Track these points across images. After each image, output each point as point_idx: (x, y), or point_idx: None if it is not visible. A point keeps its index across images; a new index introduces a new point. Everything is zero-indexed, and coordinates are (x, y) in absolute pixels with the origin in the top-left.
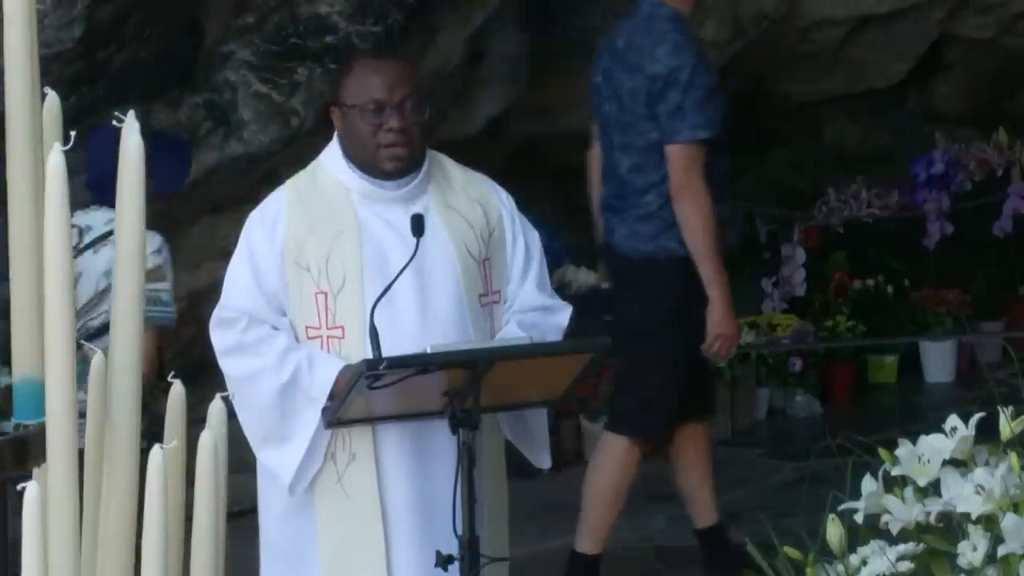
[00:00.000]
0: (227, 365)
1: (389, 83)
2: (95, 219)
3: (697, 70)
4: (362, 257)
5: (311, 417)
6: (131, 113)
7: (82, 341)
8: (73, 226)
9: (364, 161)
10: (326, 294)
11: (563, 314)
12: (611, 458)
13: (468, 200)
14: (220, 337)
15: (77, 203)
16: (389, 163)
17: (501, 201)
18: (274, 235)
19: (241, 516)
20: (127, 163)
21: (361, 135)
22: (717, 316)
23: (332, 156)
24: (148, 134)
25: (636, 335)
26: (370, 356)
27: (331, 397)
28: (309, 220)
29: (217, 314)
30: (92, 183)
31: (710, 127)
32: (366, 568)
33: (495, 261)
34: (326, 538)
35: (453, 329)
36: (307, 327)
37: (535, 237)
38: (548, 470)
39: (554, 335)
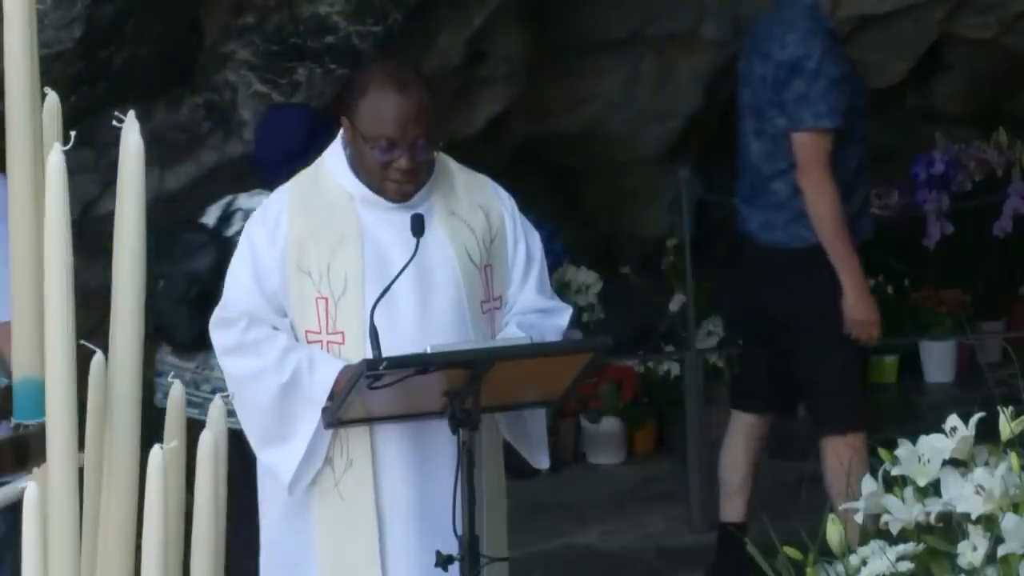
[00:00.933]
0: (227, 365)
1: (403, 122)
2: (258, 203)
3: (826, 59)
4: (364, 263)
5: (311, 417)
6: (131, 113)
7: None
8: (236, 210)
9: (369, 184)
10: (327, 299)
11: (563, 316)
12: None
13: (471, 205)
14: (220, 337)
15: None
16: (394, 195)
17: (503, 204)
18: (276, 236)
19: None
20: (127, 163)
21: (368, 164)
22: (851, 302)
23: (335, 159)
24: (306, 120)
25: (788, 326)
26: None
27: (331, 397)
28: (311, 223)
29: (217, 314)
30: (260, 163)
31: (835, 117)
32: (361, 572)
33: (496, 267)
34: (322, 542)
35: (454, 336)
36: (307, 331)
37: (536, 239)
38: (547, 470)
39: (553, 336)
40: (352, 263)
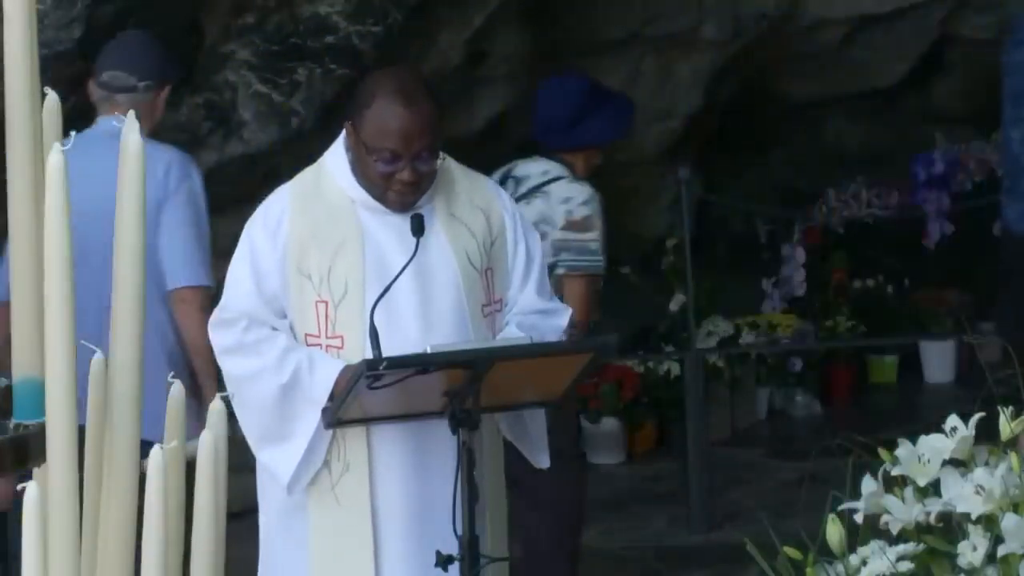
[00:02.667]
0: (226, 364)
1: (408, 135)
2: (532, 170)
3: None
4: (364, 268)
5: (311, 417)
6: (131, 113)
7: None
8: (510, 177)
9: (370, 192)
10: (327, 303)
11: (563, 316)
12: None
13: (471, 207)
14: (219, 337)
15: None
16: (396, 205)
17: (504, 206)
18: (276, 238)
19: (241, 516)
20: (127, 163)
21: (371, 174)
22: None
23: (337, 161)
24: (585, 91)
25: None
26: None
27: (331, 397)
28: (312, 226)
29: (217, 314)
30: (537, 130)
31: None
32: (355, 573)
33: (497, 270)
34: (317, 546)
35: (454, 337)
36: (307, 335)
37: (536, 240)
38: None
39: (553, 337)
40: (353, 267)
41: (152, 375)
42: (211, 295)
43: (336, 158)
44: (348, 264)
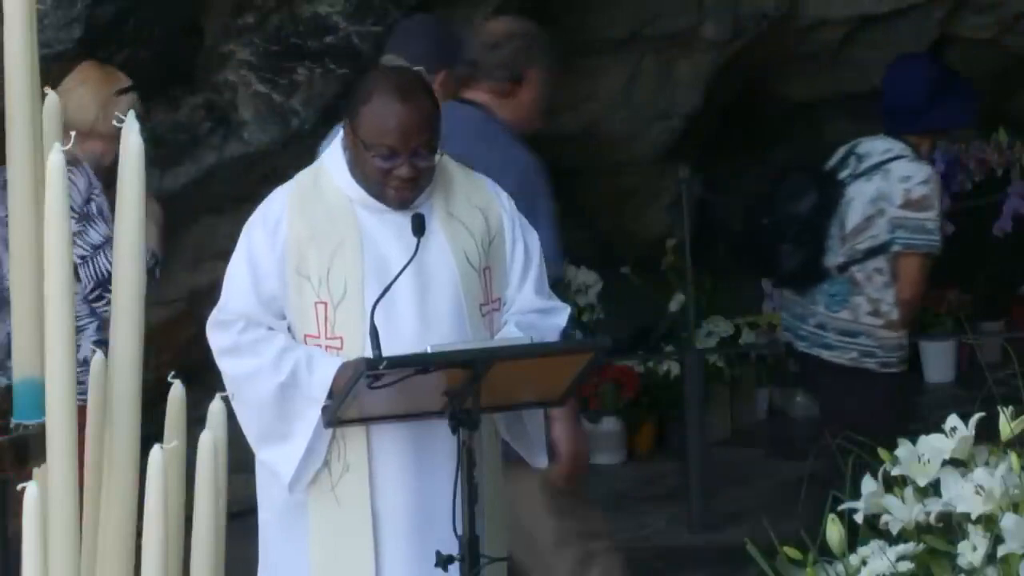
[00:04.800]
0: (225, 365)
1: (405, 131)
2: (874, 147)
3: None
4: (363, 268)
5: (311, 416)
6: (131, 113)
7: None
8: (852, 153)
9: (369, 190)
10: (326, 304)
11: (562, 315)
12: None
13: (470, 207)
14: (217, 338)
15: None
16: (394, 202)
17: (502, 205)
18: (275, 239)
19: (241, 516)
20: (127, 162)
21: (368, 171)
22: None
23: (335, 162)
24: (936, 75)
25: None
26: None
27: (330, 395)
28: (311, 227)
29: (215, 315)
30: (885, 110)
31: None
32: (355, 574)
33: (495, 269)
34: (316, 545)
35: (452, 336)
36: (306, 336)
37: (534, 239)
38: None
39: (552, 336)
40: (352, 268)
41: None
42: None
43: (334, 158)
44: (347, 264)
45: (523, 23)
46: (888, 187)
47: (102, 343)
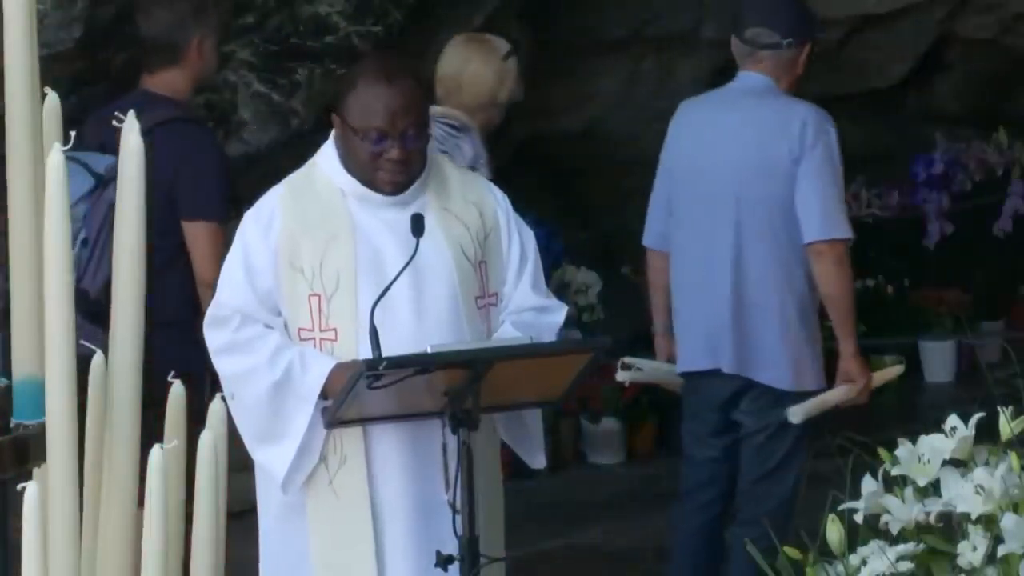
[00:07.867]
0: (220, 364)
1: (392, 111)
2: None
3: None
4: (357, 260)
5: (304, 415)
6: (131, 113)
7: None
8: None
9: (361, 178)
10: (319, 296)
11: (559, 313)
12: None
13: (464, 202)
14: (213, 336)
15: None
16: (387, 186)
17: (497, 202)
18: (269, 234)
19: (241, 516)
20: (127, 162)
21: (359, 157)
22: None
23: (328, 157)
24: None
25: None
26: (369, 356)
27: (323, 395)
28: (304, 221)
29: (211, 312)
30: None
31: None
32: (357, 570)
33: (491, 263)
34: (317, 540)
35: (449, 331)
36: (300, 329)
37: (530, 236)
38: (547, 470)
39: (549, 335)
40: (345, 260)
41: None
42: (848, 246)
43: (327, 154)
44: (340, 257)
45: None
46: None
47: None
